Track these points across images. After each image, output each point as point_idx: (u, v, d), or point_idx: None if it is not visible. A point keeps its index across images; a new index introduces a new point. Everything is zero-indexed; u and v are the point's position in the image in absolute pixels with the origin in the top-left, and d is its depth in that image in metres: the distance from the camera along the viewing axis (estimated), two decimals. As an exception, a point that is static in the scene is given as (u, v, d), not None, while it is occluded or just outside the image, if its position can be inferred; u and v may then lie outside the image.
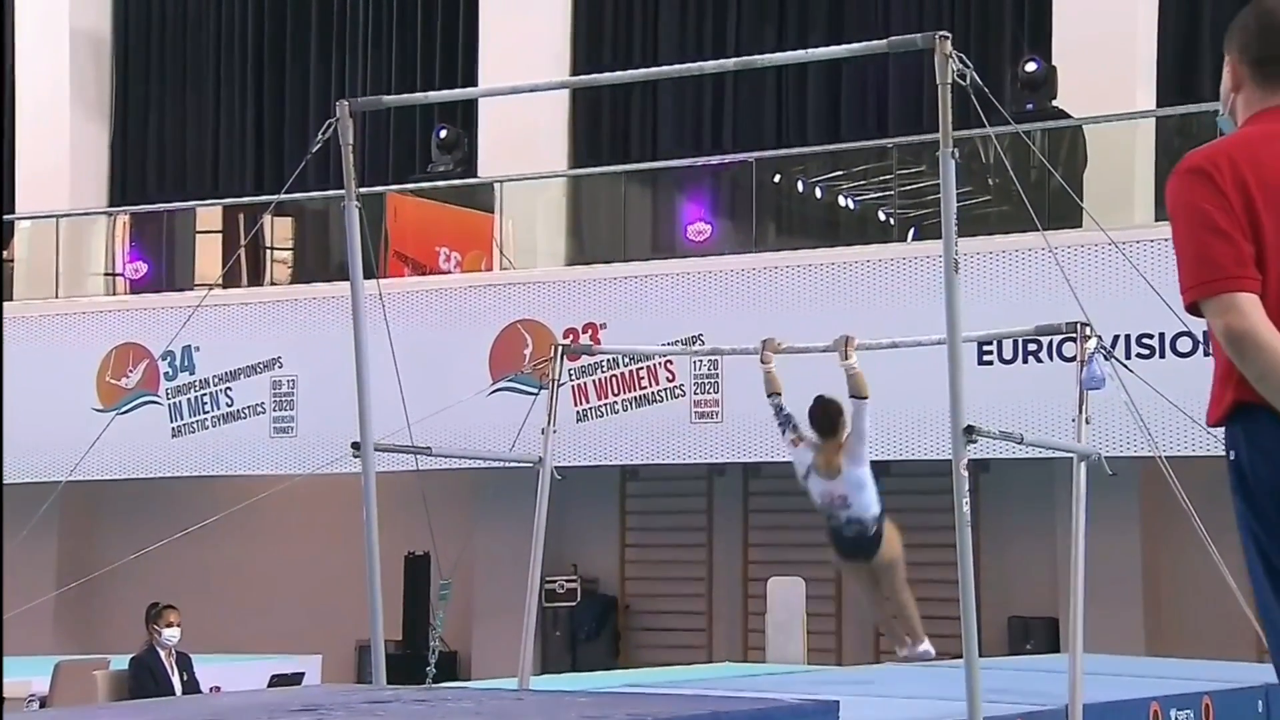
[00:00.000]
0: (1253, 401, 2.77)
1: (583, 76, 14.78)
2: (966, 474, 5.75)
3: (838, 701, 5.80)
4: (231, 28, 16.84)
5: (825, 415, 7.34)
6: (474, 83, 14.81)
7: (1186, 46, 13.24)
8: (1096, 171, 12.15)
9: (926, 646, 7.68)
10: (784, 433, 7.43)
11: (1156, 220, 10.46)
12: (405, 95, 12.98)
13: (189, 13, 17.03)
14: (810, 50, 11.00)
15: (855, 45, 7.70)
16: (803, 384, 11.39)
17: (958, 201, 5.72)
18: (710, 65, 10.84)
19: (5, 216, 16.79)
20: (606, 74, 13.25)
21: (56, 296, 15.51)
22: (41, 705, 9.88)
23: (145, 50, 17.24)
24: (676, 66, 12.65)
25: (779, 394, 7.51)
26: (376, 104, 8.66)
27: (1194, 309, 2.78)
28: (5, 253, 16.68)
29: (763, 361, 7.66)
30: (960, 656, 5.89)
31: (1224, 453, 2.93)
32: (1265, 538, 2.88)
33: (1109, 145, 12.37)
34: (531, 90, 12.98)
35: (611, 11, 15.24)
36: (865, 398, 7.21)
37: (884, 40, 6.50)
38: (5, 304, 15.78)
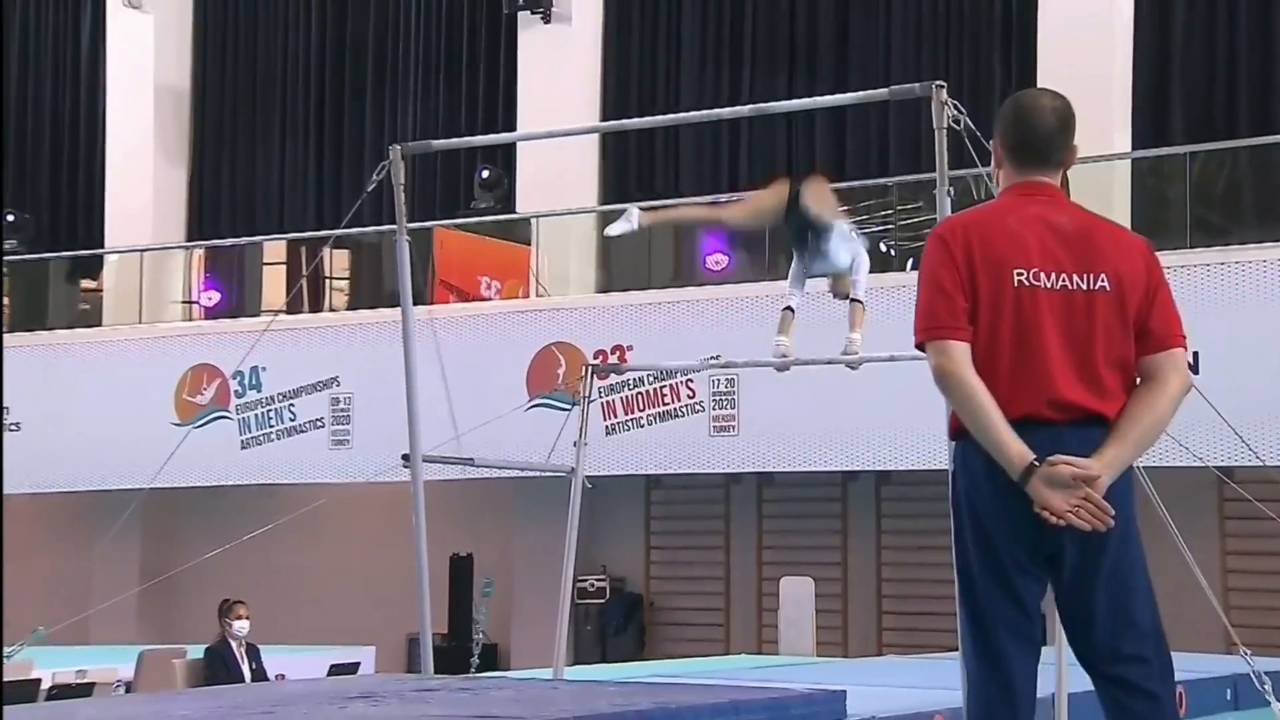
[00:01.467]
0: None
1: (611, 122, 14.81)
2: (951, 475, 5.67)
3: (845, 691, 5.76)
4: (295, 82, 16.93)
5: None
6: (513, 128, 14.83)
7: (1157, 96, 13.19)
8: (1077, 208, 12.07)
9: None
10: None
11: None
12: (451, 140, 12.99)
13: (258, 69, 17.13)
14: (818, 98, 10.98)
15: (859, 93, 7.70)
16: (809, 394, 11.39)
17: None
18: (727, 112, 10.80)
19: (97, 251, 16.95)
20: (633, 120, 13.23)
21: (140, 322, 15.60)
22: (127, 690, 9.92)
23: (219, 103, 17.34)
24: (696, 113, 12.64)
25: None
26: (425, 148, 8.64)
27: (921, 347, 3.08)
28: (96, 283, 16.78)
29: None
30: (957, 649, 5.83)
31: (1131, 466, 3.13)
32: (961, 541, 3.18)
33: (1088, 185, 12.26)
34: (565, 135, 13.07)
35: (637, 63, 15.26)
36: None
37: (885, 89, 6.48)
38: (94, 329, 15.94)
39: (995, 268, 3.06)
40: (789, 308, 7.28)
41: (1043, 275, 3.07)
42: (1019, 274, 3.06)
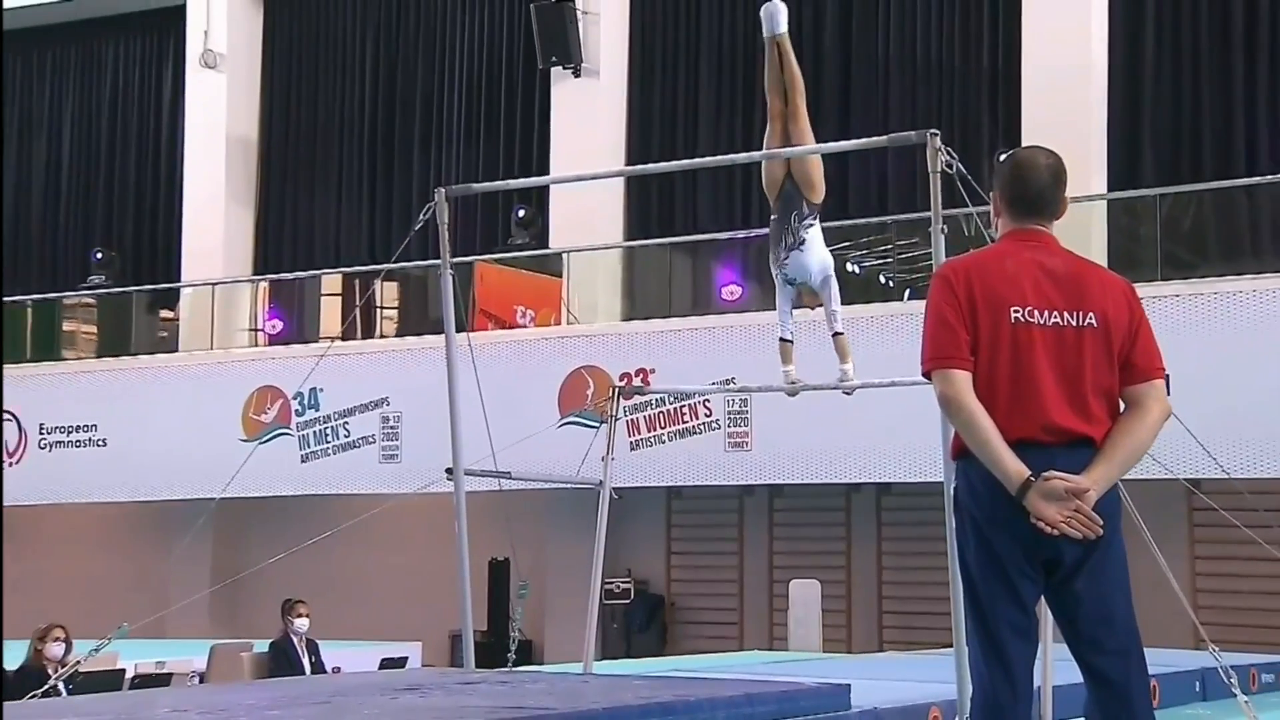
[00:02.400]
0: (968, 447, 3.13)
1: (635, 167, 14.77)
2: (954, 492, 5.63)
3: (849, 685, 5.71)
4: (350, 132, 17.01)
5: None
6: (547, 172, 14.87)
7: (1130, 142, 13.16)
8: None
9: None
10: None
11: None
12: (491, 183, 12.98)
13: (318, 121, 17.23)
14: (823, 144, 10.94)
15: (861, 140, 7.66)
16: (816, 414, 11.34)
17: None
18: (741, 157, 10.81)
19: (174, 285, 17.03)
20: (655, 165, 13.25)
21: (211, 348, 15.66)
22: (200, 680, 9.94)
23: (284, 152, 17.43)
24: (712, 158, 12.70)
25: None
26: (467, 190, 8.64)
27: (927, 376, 3.16)
28: (173, 313, 16.86)
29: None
30: (951, 645, 5.80)
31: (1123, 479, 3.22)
32: (964, 551, 3.21)
33: (1069, 223, 12.09)
34: (593, 178, 13.07)
35: (659, 113, 15.28)
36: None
37: (885, 136, 6.46)
38: (171, 355, 16.00)
39: (994, 305, 3.13)
40: (785, 339, 7.28)
41: (1037, 313, 3.14)
42: (1016, 311, 3.13)
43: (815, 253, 6.95)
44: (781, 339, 7.20)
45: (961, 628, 5.53)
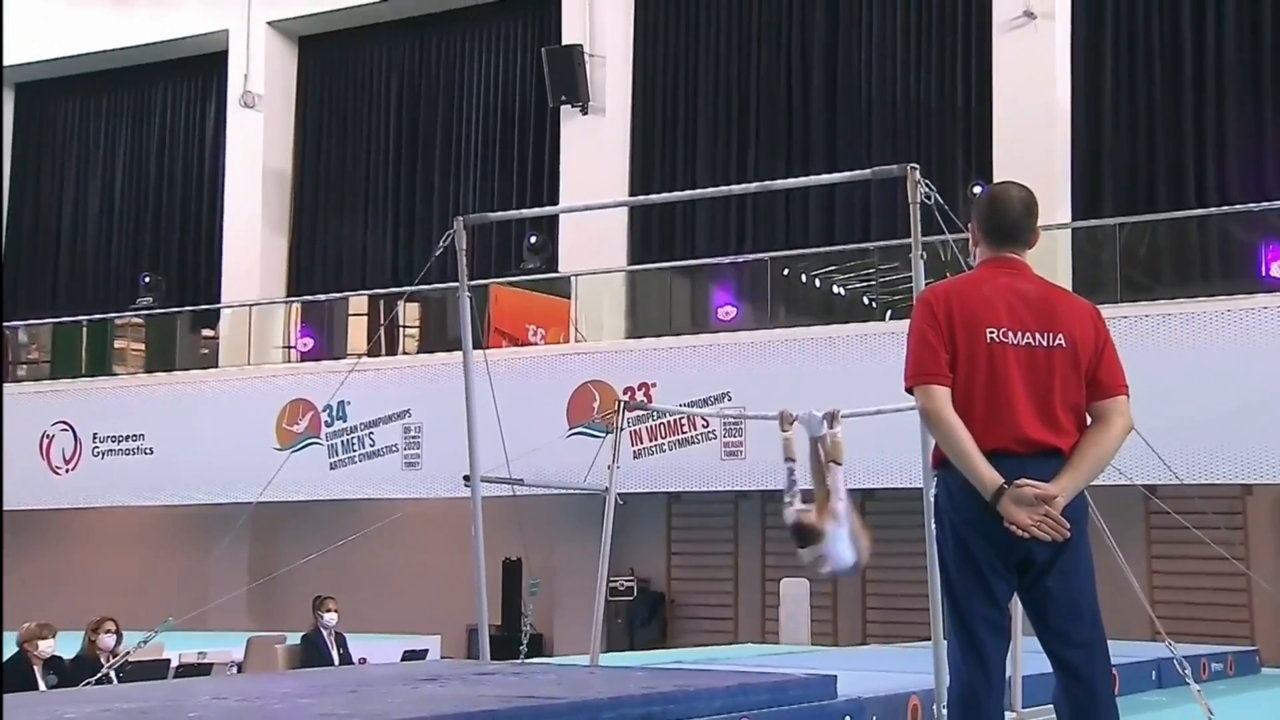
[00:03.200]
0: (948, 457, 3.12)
1: (638, 197, 14.86)
2: (934, 499, 5.60)
3: (835, 675, 5.68)
4: (375, 165, 17.06)
5: (802, 537, 5.66)
6: (556, 202, 14.89)
7: (1091, 176, 13.19)
8: (1026, 269, 12.05)
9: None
10: (785, 493, 5.84)
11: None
12: (505, 212, 13.04)
13: (346, 156, 17.27)
14: (812, 177, 10.99)
15: (846, 174, 7.63)
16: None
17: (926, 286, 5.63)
18: (736, 189, 10.78)
19: (214, 306, 17.05)
20: (657, 195, 13.29)
21: (248, 364, 15.64)
22: (238, 670, 9.90)
23: (315, 183, 17.47)
24: (710, 189, 12.70)
25: (793, 460, 6.02)
26: (483, 219, 8.64)
27: (910, 391, 3.15)
28: (214, 331, 16.87)
29: (781, 429, 6.27)
30: (930, 639, 5.77)
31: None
32: (943, 553, 3.21)
33: (1037, 250, 12.22)
34: (599, 208, 13.10)
35: (660, 147, 15.31)
36: (839, 464, 5.88)
37: (869, 170, 6.44)
38: (212, 370, 16.00)
39: (972, 327, 3.13)
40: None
41: (1011, 334, 3.15)
42: (991, 332, 3.14)
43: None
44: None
45: (940, 623, 5.51)
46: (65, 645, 8.01)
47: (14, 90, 19.25)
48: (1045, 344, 3.15)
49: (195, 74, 18.06)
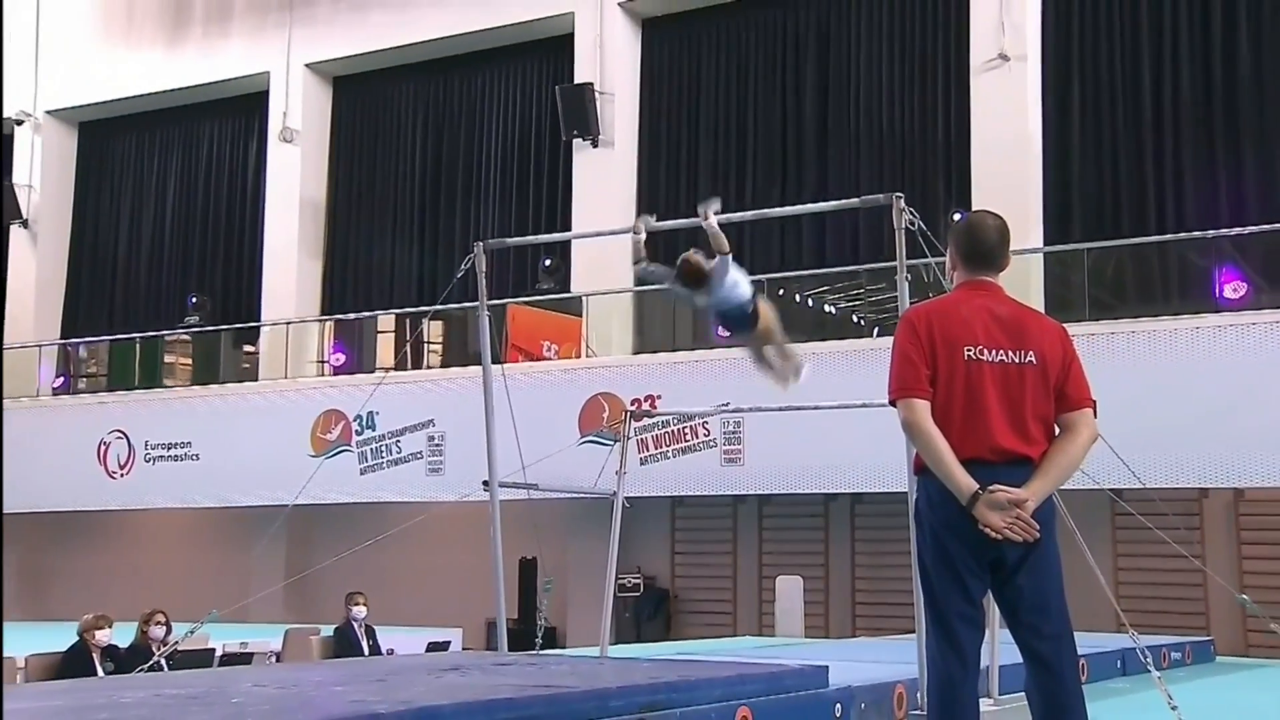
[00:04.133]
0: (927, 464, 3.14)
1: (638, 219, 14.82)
2: (914, 503, 5.59)
3: (827, 666, 5.66)
4: (402, 195, 17.06)
5: (690, 275, 5.73)
6: (569, 227, 14.89)
7: (1061, 204, 13.18)
8: (1002, 289, 12.04)
9: (802, 364, 6.22)
10: (672, 282, 5.84)
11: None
12: (522, 238, 13.04)
13: (375, 185, 17.26)
14: (804, 206, 10.98)
15: (837, 202, 7.62)
16: (799, 434, 11.30)
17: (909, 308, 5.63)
18: (735, 216, 10.63)
19: (254, 324, 17.09)
20: (661, 222, 13.26)
21: (285, 377, 15.66)
22: (276, 659, 9.90)
23: (347, 211, 17.49)
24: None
25: (644, 260, 6.08)
26: (502, 244, 8.59)
27: (893, 403, 3.16)
28: (254, 347, 16.92)
29: (634, 232, 6.22)
30: (914, 631, 5.76)
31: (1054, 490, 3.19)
32: (922, 552, 3.21)
33: (1011, 272, 12.01)
34: (608, 234, 13.04)
35: (664, 178, 15.33)
36: (727, 253, 5.75)
37: (857, 199, 6.45)
38: (252, 383, 16.02)
39: (950, 345, 3.13)
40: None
41: (986, 351, 3.15)
42: (968, 350, 3.14)
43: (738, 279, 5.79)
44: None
45: (922, 617, 5.50)
46: (120, 635, 8.04)
47: (77, 128, 19.34)
48: (1017, 361, 3.15)
49: (239, 112, 18.13)
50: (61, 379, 17.71)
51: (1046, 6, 13.34)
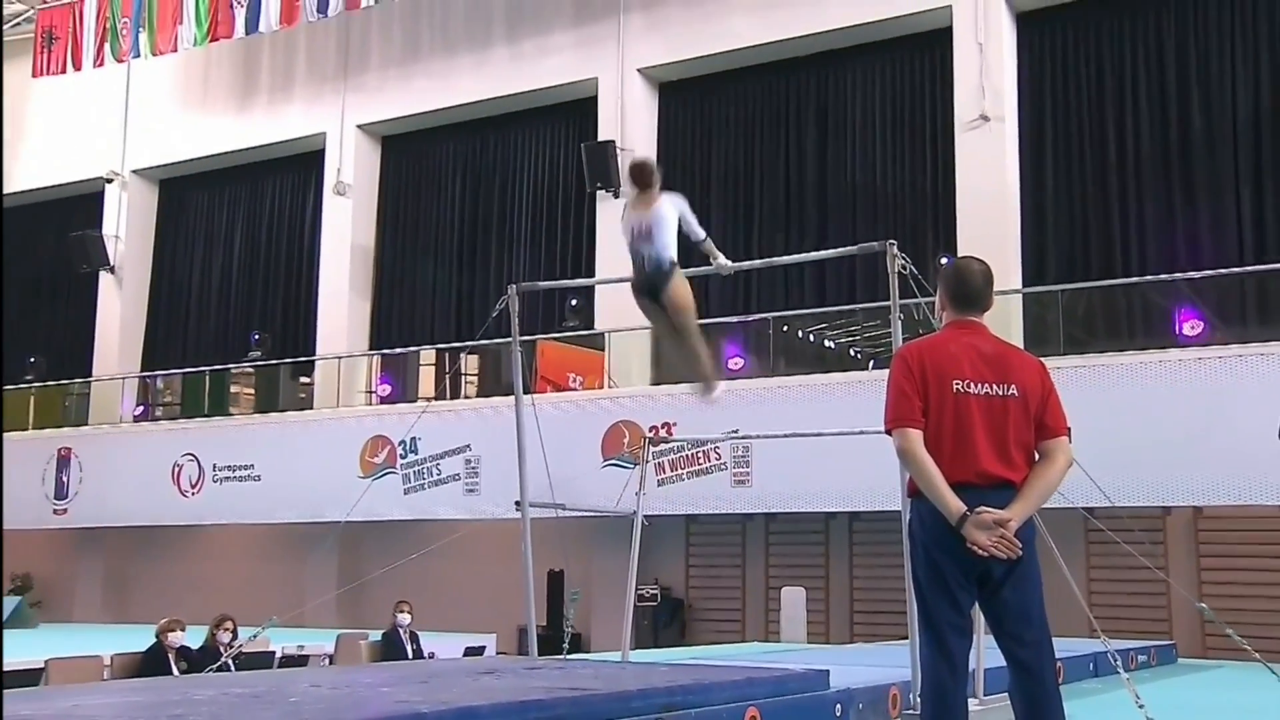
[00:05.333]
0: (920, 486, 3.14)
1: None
2: (908, 522, 5.56)
3: (828, 670, 5.63)
4: (443, 242, 17.10)
5: (640, 172, 5.55)
6: (593, 271, 14.93)
7: (1038, 249, 13.14)
8: (986, 327, 12.00)
9: (716, 390, 6.03)
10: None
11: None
12: (550, 282, 13.12)
13: (418, 233, 17.32)
14: (807, 254, 10.99)
15: (835, 250, 7.60)
16: (802, 458, 11.27)
17: (903, 343, 5.66)
18: (745, 265, 10.72)
19: (310, 358, 17.18)
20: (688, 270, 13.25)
21: (337, 406, 15.72)
22: (330, 661, 9.89)
23: (393, 256, 17.57)
24: (722, 264, 12.60)
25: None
26: (533, 287, 8.71)
27: (889, 433, 3.16)
28: (310, 379, 17.00)
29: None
30: (907, 638, 5.72)
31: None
32: (915, 567, 3.21)
33: (993, 311, 12.17)
34: (627, 280, 13.08)
35: (680, 237, 15.32)
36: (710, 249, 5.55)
37: (855, 246, 6.47)
38: (308, 411, 16.09)
39: (941, 379, 3.13)
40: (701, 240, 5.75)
41: (973, 385, 3.15)
42: (957, 384, 3.14)
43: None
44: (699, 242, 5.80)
45: (915, 625, 5.46)
46: (192, 637, 8.07)
47: (158, 185, 19.63)
48: (1001, 393, 3.15)
49: (298, 168, 18.30)
50: (141, 408, 17.87)
51: (1022, 73, 13.41)
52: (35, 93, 19.33)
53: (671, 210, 5.54)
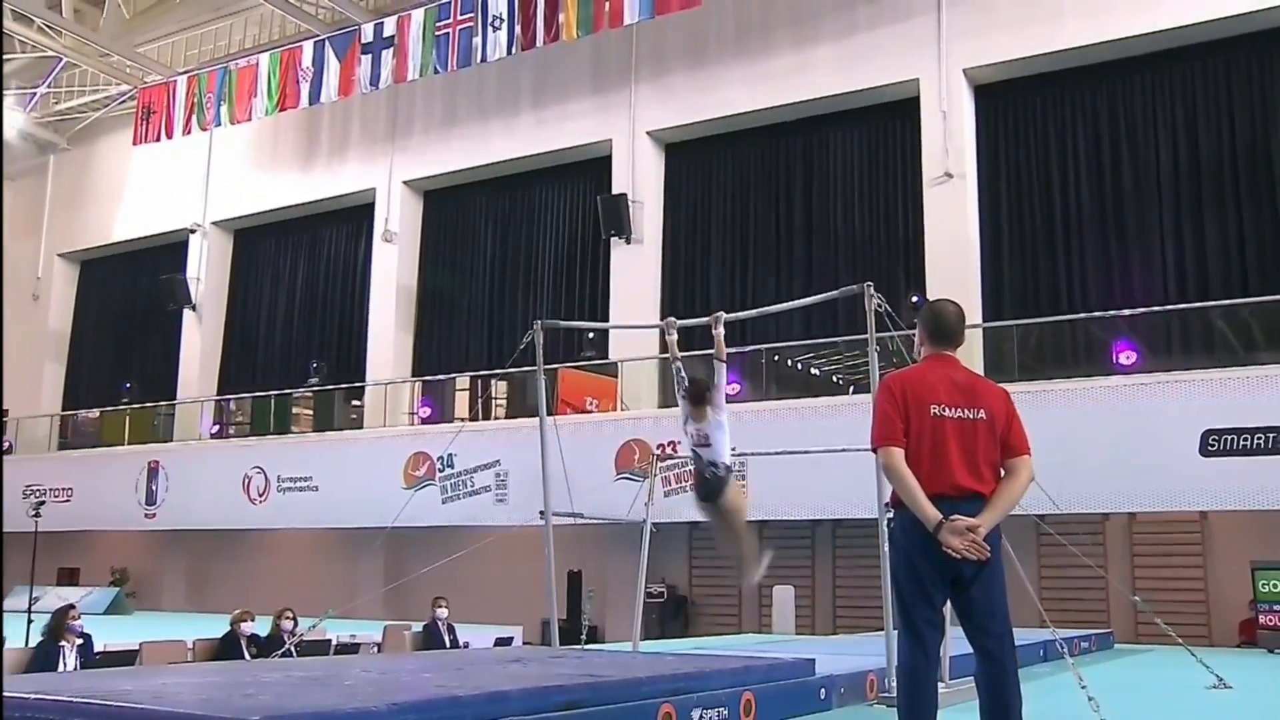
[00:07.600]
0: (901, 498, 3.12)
1: (665, 320, 14.92)
2: (888, 526, 5.55)
3: (814, 658, 5.59)
4: (477, 283, 17.19)
5: (696, 392, 5.30)
6: (608, 308, 14.98)
7: (996, 289, 13.17)
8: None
9: (754, 580, 5.83)
10: (678, 388, 5.42)
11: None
12: (570, 321, 13.16)
13: (455, 276, 17.43)
14: (794, 301, 11.03)
15: (819, 296, 7.47)
16: (792, 473, 11.22)
17: (879, 370, 5.68)
18: (742, 314, 10.62)
19: (361, 384, 17.21)
20: (684, 319, 13.29)
21: (384, 426, 15.73)
22: (378, 649, 9.85)
23: (433, 296, 17.64)
24: (722, 314, 12.65)
25: (679, 359, 5.65)
26: (555, 325, 8.70)
27: (874, 451, 3.13)
28: (361, 402, 17.02)
29: (667, 332, 5.86)
30: (883, 629, 5.68)
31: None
32: (896, 569, 3.19)
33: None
34: (636, 328, 13.17)
35: (684, 270, 15.40)
36: (724, 361, 5.50)
37: (836, 290, 6.48)
38: (359, 430, 16.10)
39: (920, 404, 3.14)
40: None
41: (948, 409, 3.16)
42: (934, 408, 3.15)
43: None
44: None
45: (891, 618, 5.42)
46: (260, 626, 8.08)
47: (233, 234, 19.84)
48: (972, 417, 3.17)
49: (352, 219, 18.44)
50: (217, 427, 17.94)
51: (980, 137, 13.50)
52: (134, 159, 19.77)
53: (724, 419, 5.29)
